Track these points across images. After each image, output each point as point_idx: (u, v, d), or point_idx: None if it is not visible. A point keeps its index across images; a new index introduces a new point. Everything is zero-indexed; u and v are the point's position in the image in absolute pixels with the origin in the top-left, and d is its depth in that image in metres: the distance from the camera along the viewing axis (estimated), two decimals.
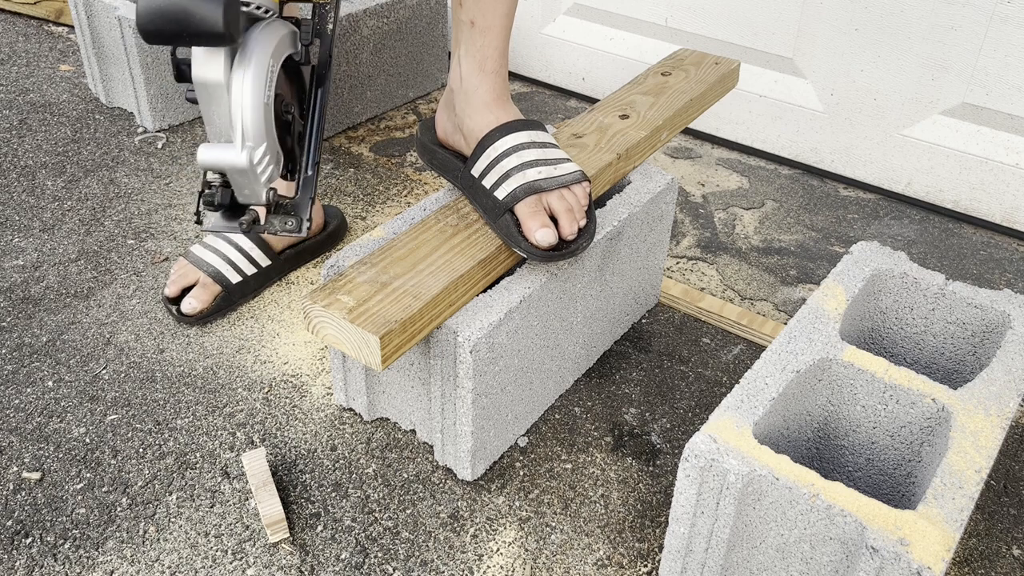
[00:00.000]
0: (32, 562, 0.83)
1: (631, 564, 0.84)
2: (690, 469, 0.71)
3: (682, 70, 1.17)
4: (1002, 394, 0.77)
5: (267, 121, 0.78)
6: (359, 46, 1.51)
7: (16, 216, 1.31)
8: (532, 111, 1.68)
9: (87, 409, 0.99)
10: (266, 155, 0.79)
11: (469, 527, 0.87)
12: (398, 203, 1.38)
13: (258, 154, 0.78)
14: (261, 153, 0.78)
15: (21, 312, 1.12)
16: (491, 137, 0.90)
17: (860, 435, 0.82)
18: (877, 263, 0.91)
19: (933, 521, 0.65)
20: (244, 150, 0.77)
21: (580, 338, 1.01)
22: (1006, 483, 0.94)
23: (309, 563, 0.83)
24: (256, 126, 0.77)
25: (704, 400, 1.03)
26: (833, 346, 0.81)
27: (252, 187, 0.80)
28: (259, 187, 0.80)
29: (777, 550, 0.71)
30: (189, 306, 1.09)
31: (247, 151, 0.77)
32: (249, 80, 0.76)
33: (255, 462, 0.89)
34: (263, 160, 0.78)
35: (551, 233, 0.84)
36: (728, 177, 1.49)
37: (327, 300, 0.80)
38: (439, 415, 0.89)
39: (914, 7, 1.30)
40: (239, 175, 0.78)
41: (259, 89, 0.76)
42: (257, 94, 0.76)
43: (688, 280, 1.23)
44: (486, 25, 0.90)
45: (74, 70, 1.75)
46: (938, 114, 1.36)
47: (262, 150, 0.78)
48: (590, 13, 1.67)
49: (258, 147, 0.78)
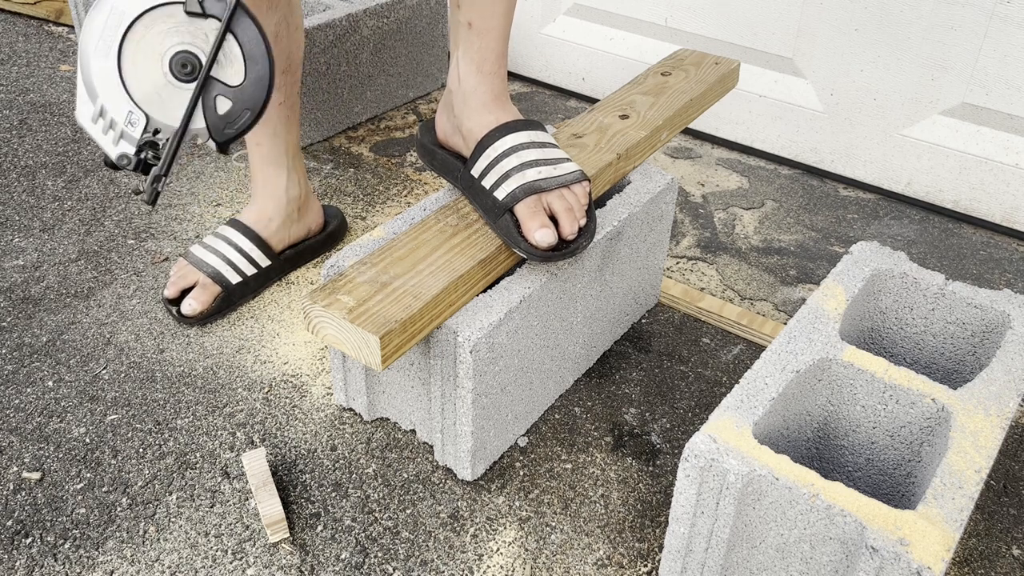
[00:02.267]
0: (32, 562, 0.83)
1: (631, 564, 0.84)
2: (690, 469, 0.71)
3: (682, 70, 1.17)
4: (1002, 394, 0.77)
5: (106, 75, 0.73)
6: (359, 46, 1.51)
7: (16, 216, 1.31)
8: (532, 111, 1.68)
9: (87, 409, 0.99)
10: (107, 113, 0.74)
11: (469, 527, 0.87)
12: (398, 203, 1.38)
13: (90, 109, 0.73)
14: (96, 109, 0.73)
15: (21, 312, 1.12)
16: (490, 137, 0.90)
17: (860, 435, 0.82)
18: (877, 263, 0.91)
19: (933, 521, 0.65)
20: (78, 104, 0.74)
21: (580, 338, 1.01)
22: (1006, 483, 0.94)
23: (309, 563, 0.83)
24: (87, 79, 0.73)
25: (704, 400, 1.03)
26: (833, 346, 0.81)
27: (98, 144, 0.76)
28: (104, 145, 0.75)
29: (777, 550, 0.71)
30: (189, 307, 1.09)
31: (79, 105, 0.74)
32: (85, 28, 0.72)
33: (255, 462, 0.89)
34: (100, 117, 0.74)
35: (551, 233, 0.84)
36: (728, 177, 1.49)
37: (327, 300, 0.80)
38: (439, 415, 0.89)
39: (914, 7, 1.30)
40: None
41: (91, 38, 0.72)
42: (88, 43, 0.72)
43: (688, 280, 1.23)
44: (484, 26, 0.90)
45: (74, 70, 1.75)
46: (938, 114, 1.36)
47: (97, 106, 0.73)
48: (590, 13, 1.67)
49: (93, 102, 0.73)
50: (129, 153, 0.75)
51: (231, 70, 0.75)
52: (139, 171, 0.76)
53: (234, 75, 0.75)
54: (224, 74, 0.75)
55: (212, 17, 0.73)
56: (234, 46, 0.74)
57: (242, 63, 0.75)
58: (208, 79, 0.74)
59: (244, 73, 0.75)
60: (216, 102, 0.75)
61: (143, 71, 0.73)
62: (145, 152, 0.75)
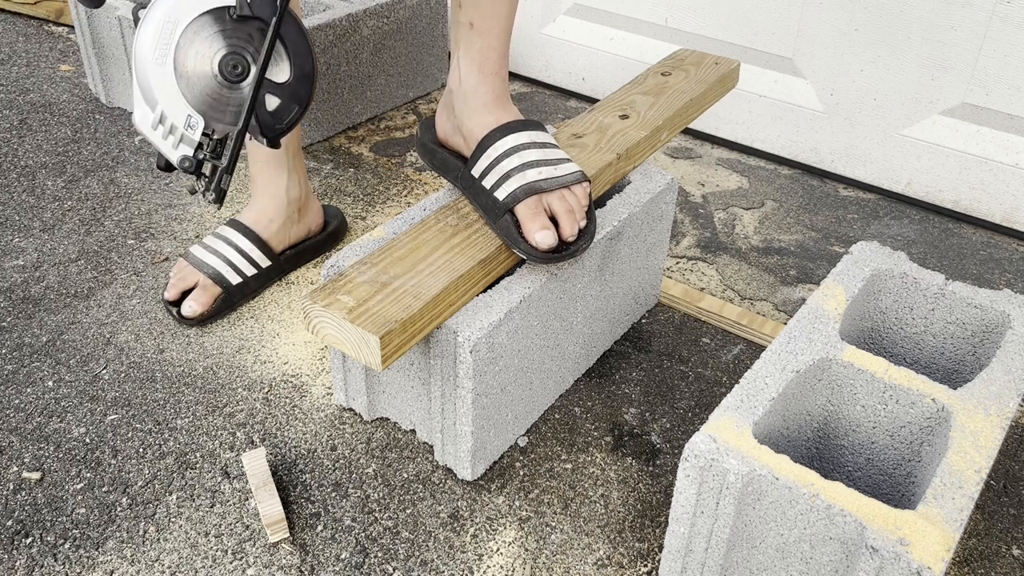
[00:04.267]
0: (32, 562, 0.83)
1: (631, 564, 0.84)
2: (690, 469, 0.71)
3: (682, 70, 1.17)
4: (1002, 394, 0.77)
5: (163, 81, 0.75)
6: (359, 46, 1.51)
7: (16, 216, 1.31)
8: (532, 111, 1.68)
9: (87, 409, 0.99)
10: (167, 119, 0.76)
11: (469, 527, 0.87)
12: (398, 203, 1.38)
13: (149, 117, 0.75)
14: (156, 116, 0.75)
15: (21, 312, 1.12)
16: (491, 138, 0.90)
17: (860, 435, 0.82)
18: (877, 263, 0.91)
19: (933, 521, 0.65)
20: (136, 111, 0.76)
21: (580, 338, 1.01)
22: (1006, 483, 0.94)
23: (309, 563, 0.83)
24: (146, 86, 0.74)
25: (704, 400, 1.03)
26: (833, 346, 0.81)
27: (158, 149, 0.78)
28: (164, 150, 0.77)
29: (777, 550, 0.71)
30: (190, 309, 1.09)
31: (138, 112, 0.75)
32: (139, 38, 0.73)
33: (255, 462, 0.89)
34: (160, 123, 0.76)
35: (551, 235, 0.84)
36: (728, 177, 1.49)
37: (327, 300, 0.80)
38: (439, 415, 0.89)
39: (914, 7, 1.30)
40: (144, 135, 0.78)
41: (147, 47, 0.73)
42: (144, 53, 0.73)
43: (688, 280, 1.23)
44: (485, 27, 0.90)
45: (74, 70, 1.75)
46: (938, 114, 1.36)
47: (157, 112, 0.75)
48: (590, 13, 1.67)
49: (153, 109, 0.75)
50: (189, 155, 0.77)
51: (277, 68, 0.78)
52: (195, 171, 0.79)
53: (280, 73, 0.78)
54: (271, 72, 0.77)
55: (257, 19, 0.75)
56: (279, 46, 0.77)
57: (287, 61, 0.77)
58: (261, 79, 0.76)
59: (290, 71, 0.78)
60: (265, 100, 0.78)
61: (196, 75, 0.75)
62: (204, 153, 0.78)
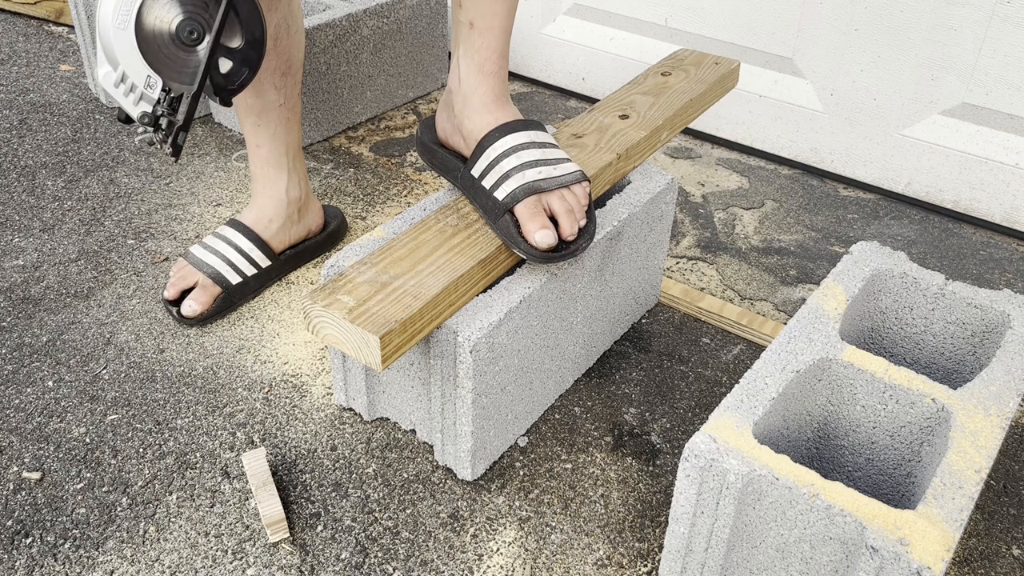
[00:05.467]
0: (32, 562, 0.83)
1: (631, 564, 0.84)
2: (690, 469, 0.71)
3: (682, 70, 1.17)
4: (1002, 394, 0.77)
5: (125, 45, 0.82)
6: (359, 46, 1.51)
7: (16, 216, 1.31)
8: (532, 111, 1.68)
9: (87, 409, 0.99)
10: (128, 78, 0.83)
11: (469, 527, 0.87)
12: (398, 203, 1.38)
13: (112, 76, 0.83)
14: (118, 75, 0.82)
15: (21, 312, 1.12)
16: (491, 138, 0.90)
17: (860, 435, 0.82)
18: (877, 263, 0.91)
19: (933, 521, 0.65)
20: (100, 69, 0.83)
21: (580, 338, 1.01)
22: (1006, 483, 0.94)
23: (309, 563, 0.83)
24: (108, 49, 0.81)
25: (704, 400, 1.03)
26: (833, 346, 0.81)
27: (120, 104, 0.85)
28: (125, 106, 0.84)
29: (777, 550, 0.71)
30: (189, 308, 1.09)
31: (101, 71, 0.83)
32: (102, 4, 0.80)
33: (255, 462, 0.89)
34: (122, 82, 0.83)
35: (550, 235, 0.84)
36: (728, 177, 1.49)
37: (327, 300, 0.80)
38: (439, 415, 0.89)
39: (914, 7, 1.30)
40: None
41: (109, 12, 0.80)
42: (107, 17, 0.80)
43: (688, 280, 1.23)
44: (485, 26, 0.90)
45: (74, 70, 1.75)
46: (938, 114, 1.36)
47: (119, 72, 0.82)
48: (590, 13, 1.67)
49: (115, 69, 0.82)
50: (148, 111, 0.85)
51: (230, 34, 0.86)
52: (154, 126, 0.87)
53: (233, 38, 0.86)
54: (225, 38, 0.86)
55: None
56: (232, 14, 0.85)
57: (239, 28, 0.85)
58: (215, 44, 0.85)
59: (242, 37, 0.86)
60: (219, 63, 0.86)
61: (155, 39, 0.83)
62: (162, 109, 0.85)
